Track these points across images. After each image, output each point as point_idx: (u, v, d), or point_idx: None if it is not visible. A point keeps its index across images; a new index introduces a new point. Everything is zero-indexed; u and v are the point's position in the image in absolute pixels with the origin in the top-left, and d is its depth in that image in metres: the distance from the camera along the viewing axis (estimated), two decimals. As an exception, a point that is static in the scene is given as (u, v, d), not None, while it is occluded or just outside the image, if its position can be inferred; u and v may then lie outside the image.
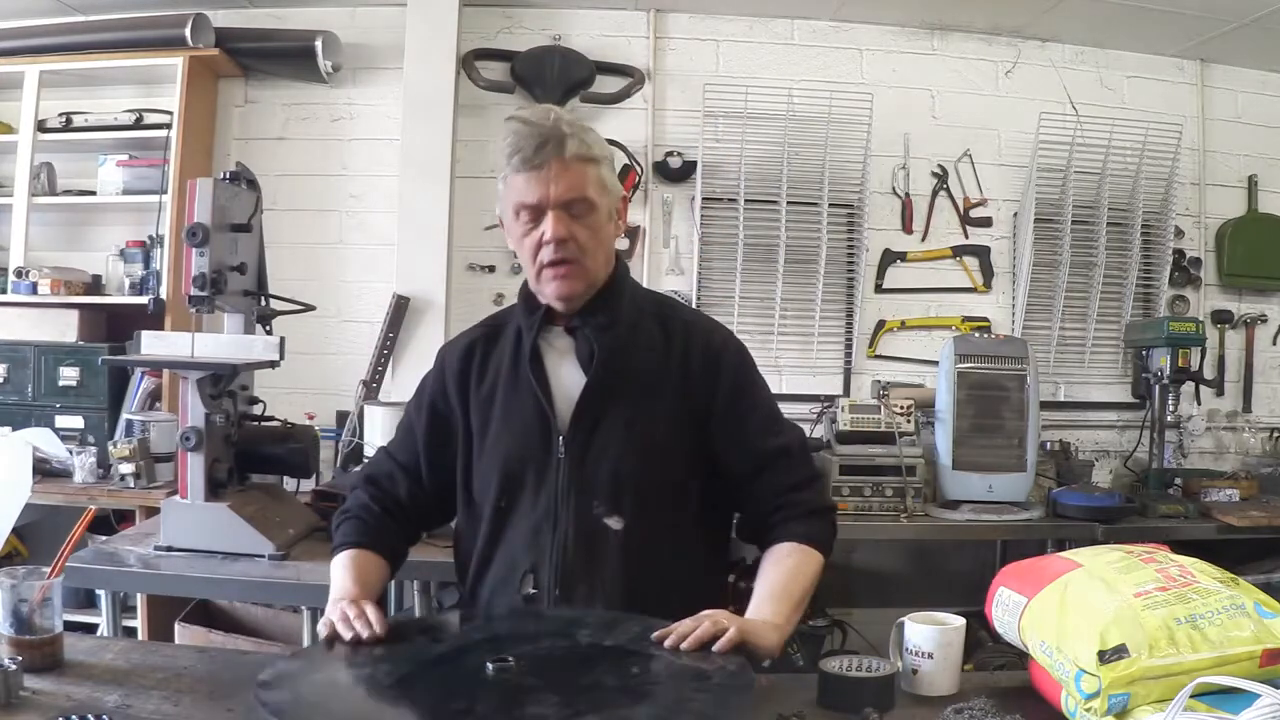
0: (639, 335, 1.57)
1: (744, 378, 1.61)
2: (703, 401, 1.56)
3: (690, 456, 1.56)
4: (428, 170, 3.61)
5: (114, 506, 3.04)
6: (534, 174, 1.46)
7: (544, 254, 1.49)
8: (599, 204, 1.51)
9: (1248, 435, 3.99)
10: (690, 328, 1.61)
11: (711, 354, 1.58)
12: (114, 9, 3.58)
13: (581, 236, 1.49)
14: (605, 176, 1.53)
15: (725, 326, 1.68)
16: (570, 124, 1.48)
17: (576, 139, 1.47)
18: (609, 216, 1.54)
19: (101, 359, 3.15)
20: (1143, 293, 3.95)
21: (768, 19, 3.87)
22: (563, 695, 1.12)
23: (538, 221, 1.48)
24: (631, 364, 1.54)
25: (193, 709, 1.25)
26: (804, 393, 3.76)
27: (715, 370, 1.57)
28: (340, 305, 3.73)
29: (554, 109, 1.51)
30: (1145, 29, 3.74)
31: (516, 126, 1.48)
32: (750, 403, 1.59)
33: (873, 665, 1.36)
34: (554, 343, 1.58)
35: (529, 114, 1.50)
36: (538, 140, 1.45)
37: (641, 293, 1.68)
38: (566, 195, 1.47)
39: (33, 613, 1.34)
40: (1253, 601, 1.23)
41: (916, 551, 3.89)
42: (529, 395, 1.54)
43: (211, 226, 2.09)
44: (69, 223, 3.77)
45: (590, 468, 1.51)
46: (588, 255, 1.50)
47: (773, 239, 3.75)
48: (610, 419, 1.52)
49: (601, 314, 1.55)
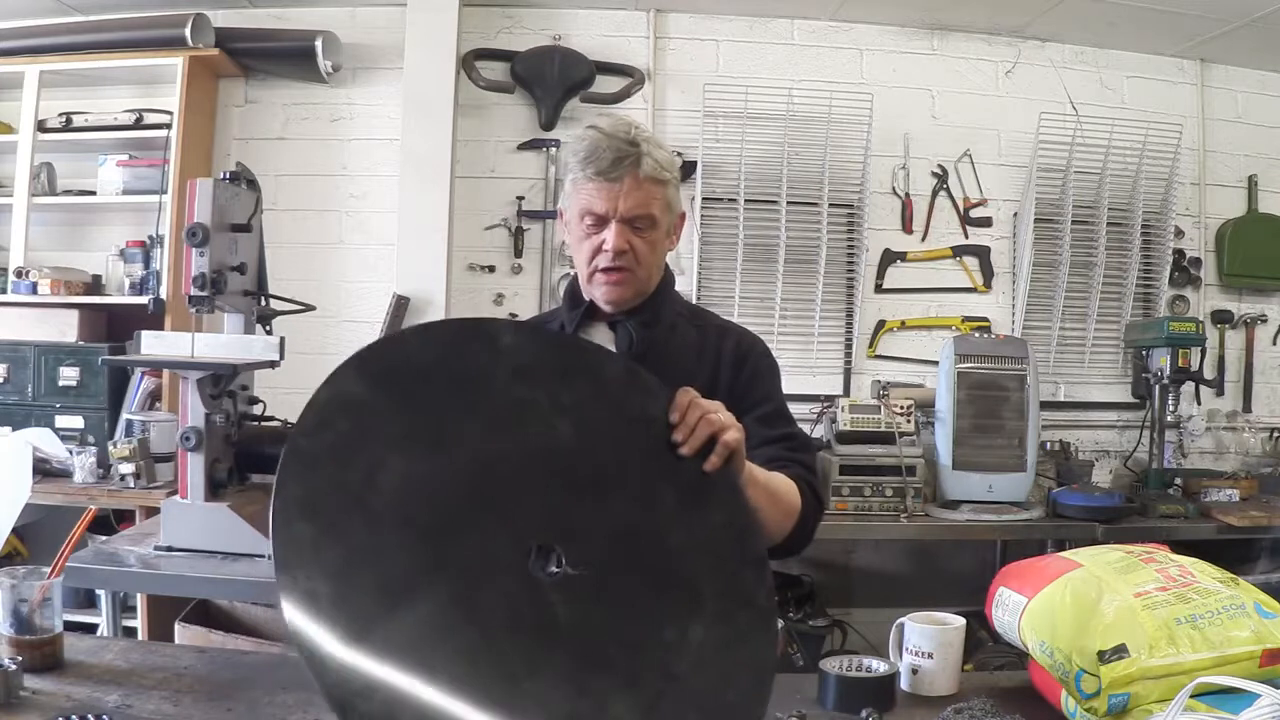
0: (676, 335, 1.64)
1: (765, 374, 1.66)
2: (728, 395, 1.57)
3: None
4: (428, 170, 3.61)
5: (114, 506, 3.03)
6: (607, 185, 1.51)
7: (600, 259, 1.55)
8: (661, 221, 1.57)
9: (1248, 435, 3.99)
10: (724, 331, 1.69)
11: (741, 350, 1.65)
12: (114, 9, 3.58)
13: (640, 249, 1.55)
14: (671, 196, 1.58)
15: (758, 336, 1.74)
16: (648, 140, 1.54)
17: (651, 159, 1.52)
18: (667, 233, 1.61)
19: (101, 359, 3.14)
20: (1143, 293, 3.95)
21: (768, 19, 3.87)
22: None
23: (600, 229, 1.54)
24: (668, 357, 1.59)
25: (193, 709, 1.25)
26: (804, 393, 3.75)
27: (742, 366, 1.63)
28: (340, 305, 3.73)
29: (634, 124, 1.56)
30: (1145, 29, 3.74)
31: (595, 136, 1.53)
32: (766, 395, 1.64)
33: (873, 665, 1.36)
34: (595, 335, 1.63)
35: (609, 125, 1.55)
36: (615, 154, 1.50)
37: (680, 300, 1.75)
38: (633, 211, 1.52)
39: (33, 613, 1.33)
40: (1253, 601, 1.23)
41: (916, 551, 3.89)
42: None
43: (211, 226, 2.09)
44: (69, 223, 3.77)
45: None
46: (642, 267, 1.57)
47: (773, 239, 3.75)
48: None
49: (644, 313, 1.62)
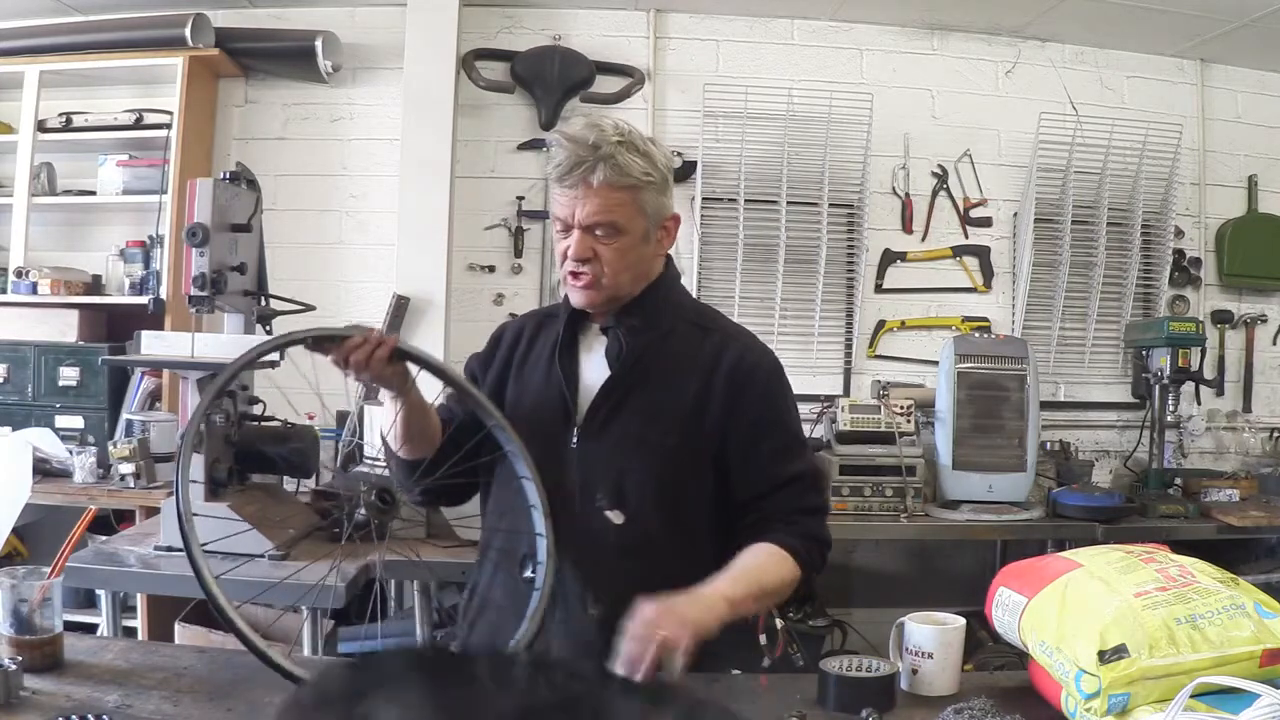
0: (673, 340, 1.59)
1: (772, 400, 1.60)
2: (723, 415, 1.56)
3: (702, 462, 1.56)
4: (428, 170, 3.61)
5: (114, 506, 3.03)
6: (567, 192, 1.50)
7: (567, 265, 1.54)
8: (629, 228, 1.51)
9: (1248, 435, 3.99)
10: (728, 340, 1.61)
11: (744, 370, 1.57)
12: (114, 9, 3.57)
13: (606, 256, 1.51)
14: (645, 201, 1.51)
15: (764, 344, 1.67)
16: (616, 146, 1.47)
17: (611, 164, 1.46)
18: (644, 238, 1.54)
19: (101, 359, 3.15)
20: (1143, 293, 3.95)
21: (768, 19, 3.87)
22: None
23: (568, 234, 1.52)
24: (658, 365, 1.57)
25: (193, 709, 1.25)
26: (804, 393, 3.72)
27: (743, 387, 1.56)
28: (340, 305, 3.72)
29: (604, 128, 1.49)
30: (1145, 29, 3.74)
31: (560, 141, 1.51)
32: (771, 427, 1.58)
33: (873, 665, 1.36)
34: (589, 338, 1.62)
35: (574, 131, 1.51)
36: (572, 162, 1.47)
37: (687, 301, 1.70)
38: (590, 219, 1.49)
39: (33, 613, 1.33)
40: (1253, 601, 1.23)
41: (916, 551, 3.88)
42: (555, 383, 1.59)
43: (211, 226, 2.10)
44: (69, 223, 3.77)
45: (599, 459, 1.53)
46: (609, 274, 1.52)
47: (773, 239, 3.75)
48: (626, 415, 1.54)
49: (636, 317, 1.58)
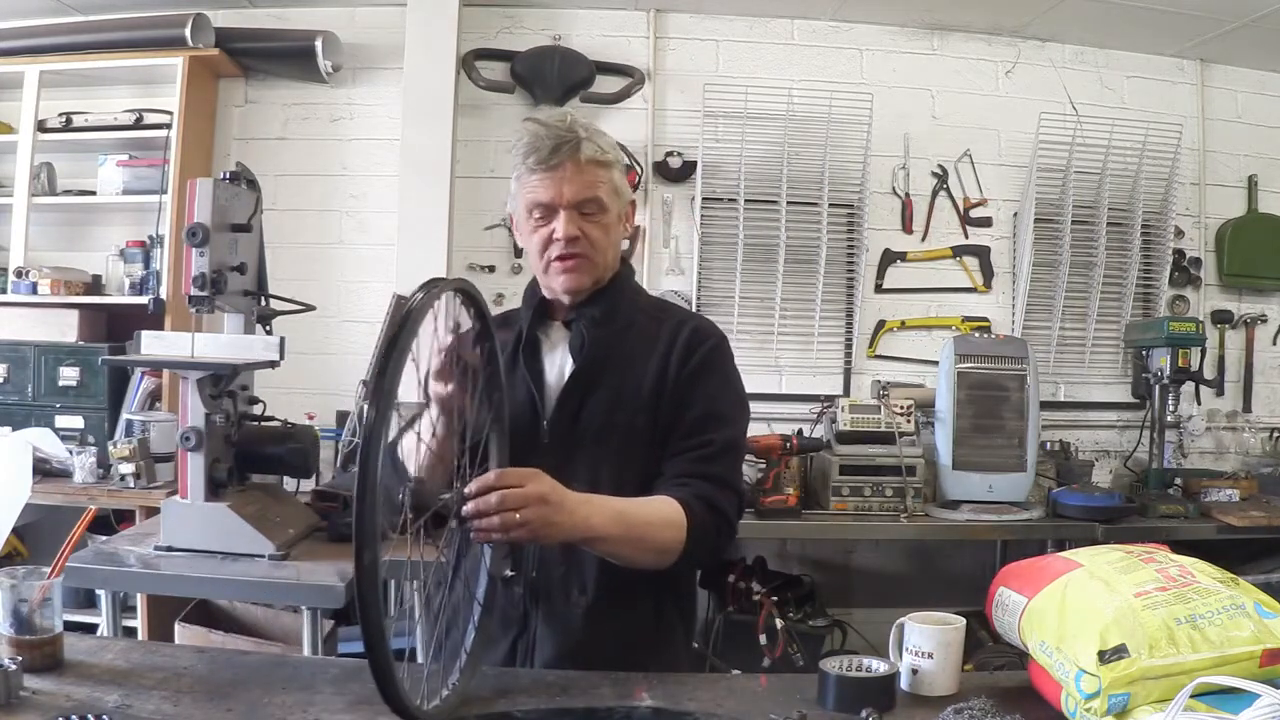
0: (632, 331, 1.61)
1: (708, 371, 1.60)
2: (672, 379, 1.57)
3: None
4: (428, 170, 3.61)
5: (114, 506, 3.03)
6: (549, 174, 1.51)
7: (554, 249, 1.53)
8: (610, 205, 1.56)
9: (1248, 435, 3.99)
10: (681, 325, 1.64)
11: (691, 345, 1.60)
12: (114, 9, 3.58)
13: (593, 234, 1.54)
14: (617, 180, 1.58)
15: (717, 326, 1.69)
16: (586, 128, 1.54)
17: (592, 143, 1.52)
18: (618, 219, 1.60)
19: (101, 359, 3.14)
20: (1143, 293, 3.95)
21: (768, 19, 3.87)
22: None
23: (549, 220, 1.53)
24: (620, 355, 1.58)
25: (193, 709, 1.25)
26: (804, 393, 3.76)
27: (685, 360, 1.58)
28: (340, 305, 3.73)
29: (570, 113, 1.56)
30: (1145, 29, 3.74)
31: (533, 128, 1.52)
32: (699, 396, 1.57)
33: (873, 665, 1.36)
34: (551, 335, 1.63)
35: (545, 116, 1.55)
36: (554, 142, 1.50)
37: (644, 296, 1.72)
38: (579, 196, 1.52)
39: (33, 613, 1.33)
40: (1253, 601, 1.23)
41: (916, 551, 3.89)
42: (521, 381, 1.58)
43: (211, 226, 2.09)
44: (69, 223, 3.77)
45: (571, 453, 1.54)
46: (597, 252, 1.55)
47: (773, 239, 3.75)
48: (593, 406, 1.55)
49: (596, 308, 1.59)
